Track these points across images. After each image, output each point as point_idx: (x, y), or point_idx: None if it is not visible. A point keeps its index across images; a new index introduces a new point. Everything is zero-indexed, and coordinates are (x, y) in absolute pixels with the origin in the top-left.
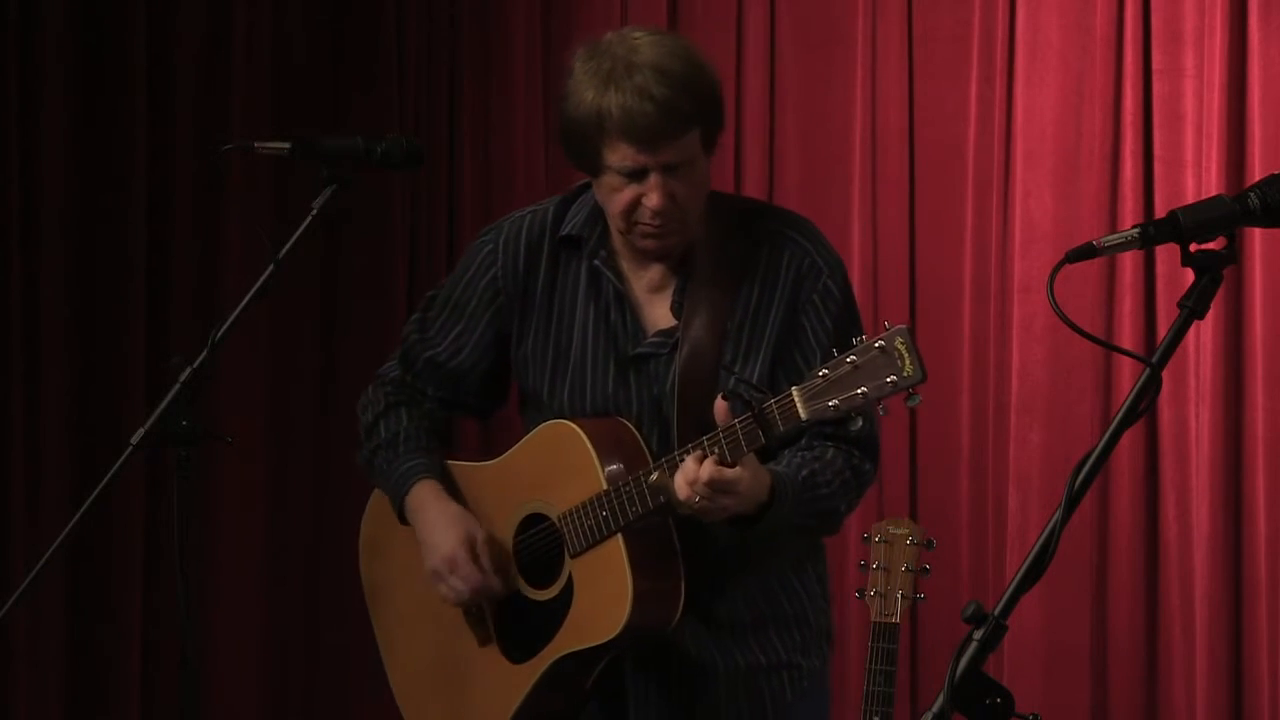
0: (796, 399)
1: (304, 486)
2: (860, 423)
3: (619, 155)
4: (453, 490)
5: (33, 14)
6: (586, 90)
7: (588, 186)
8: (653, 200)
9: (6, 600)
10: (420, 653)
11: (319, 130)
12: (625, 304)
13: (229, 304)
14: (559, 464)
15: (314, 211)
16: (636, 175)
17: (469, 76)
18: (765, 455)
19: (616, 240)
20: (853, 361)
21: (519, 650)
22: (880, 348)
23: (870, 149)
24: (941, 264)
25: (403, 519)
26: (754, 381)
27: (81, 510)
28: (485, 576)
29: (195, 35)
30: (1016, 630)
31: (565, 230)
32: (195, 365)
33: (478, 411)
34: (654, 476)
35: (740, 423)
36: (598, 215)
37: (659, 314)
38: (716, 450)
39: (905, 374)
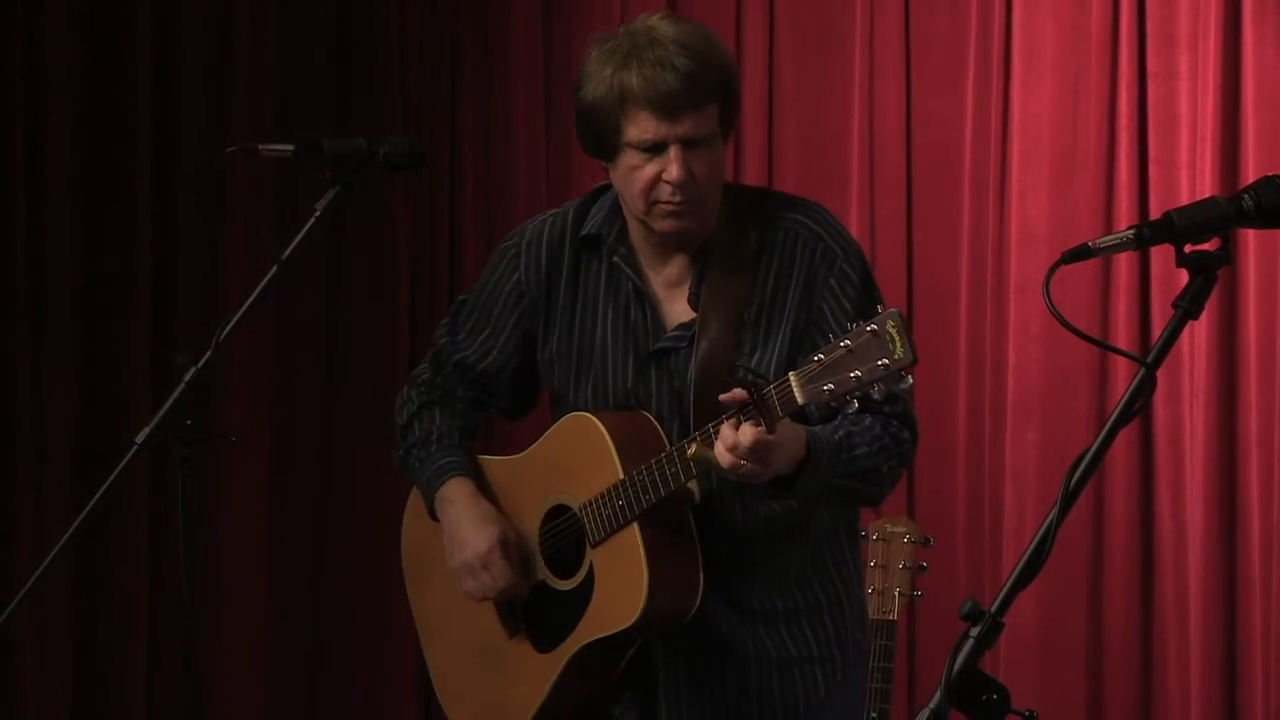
0: (794, 384)
1: (307, 485)
2: (854, 406)
3: (639, 128)
4: (482, 485)
5: (38, 15)
6: (605, 69)
7: (606, 189)
8: (673, 173)
9: (12, 598)
10: (456, 644)
11: (322, 132)
12: (645, 300)
13: (233, 304)
14: (579, 455)
15: (317, 212)
16: (656, 149)
17: (470, 78)
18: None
19: (635, 235)
20: (846, 345)
21: (546, 640)
22: (872, 331)
23: (868, 150)
24: (938, 264)
25: (433, 515)
26: (771, 369)
27: (88, 509)
28: (515, 576)
29: (200, 38)
30: (1013, 627)
31: (585, 230)
32: (200, 365)
33: (508, 412)
34: (692, 449)
35: (743, 408)
36: (616, 213)
37: (678, 308)
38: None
39: (896, 357)
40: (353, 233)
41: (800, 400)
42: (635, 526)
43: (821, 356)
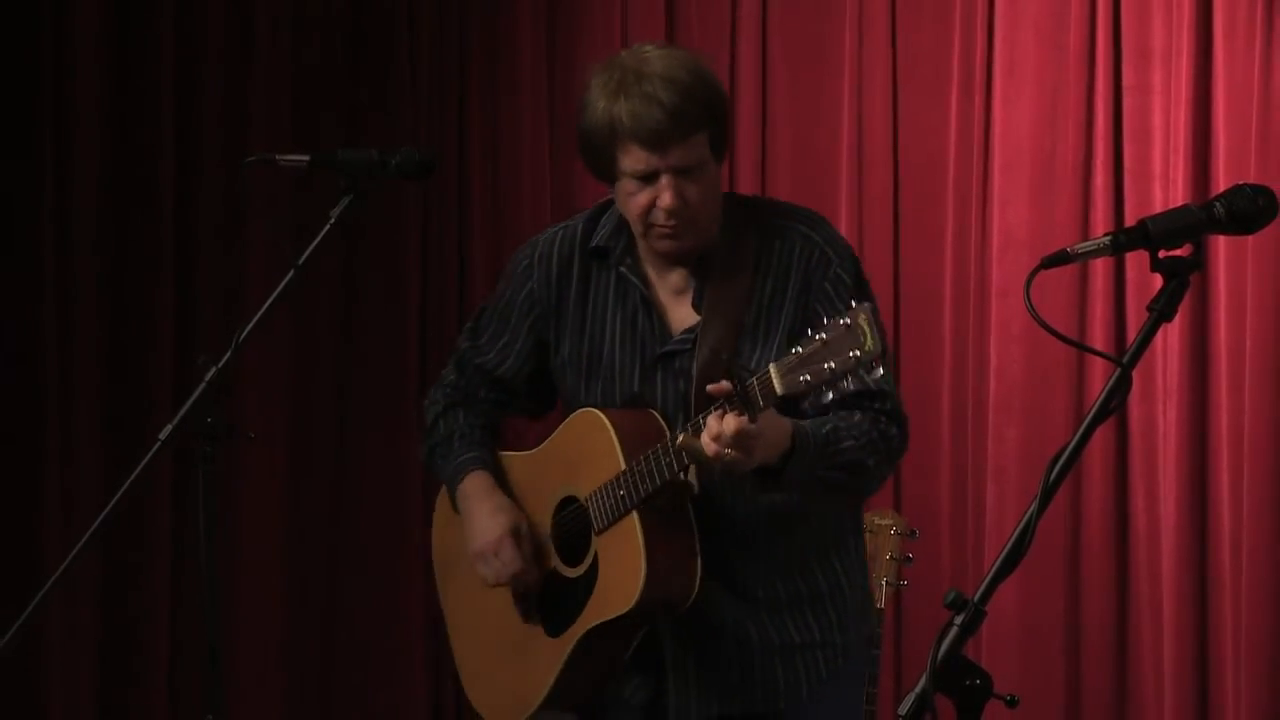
0: (773, 375)
1: (323, 480)
2: (830, 395)
3: (631, 159)
4: (500, 479)
5: (65, 31)
6: (599, 100)
7: (612, 201)
8: (665, 200)
9: (39, 591)
10: (479, 633)
11: (336, 143)
12: (651, 307)
13: (252, 307)
14: (587, 449)
15: (332, 220)
16: (649, 178)
17: (477, 91)
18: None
19: (641, 247)
20: (822, 338)
21: (557, 624)
22: (845, 325)
23: (857, 161)
24: (924, 270)
25: (455, 507)
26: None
27: (113, 501)
28: (525, 564)
29: (220, 51)
30: (994, 615)
31: (594, 242)
32: (220, 365)
33: (529, 411)
34: (680, 439)
35: (729, 398)
36: (623, 225)
37: (682, 314)
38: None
39: (866, 348)
40: (366, 238)
41: (779, 390)
42: (634, 515)
43: (800, 349)
